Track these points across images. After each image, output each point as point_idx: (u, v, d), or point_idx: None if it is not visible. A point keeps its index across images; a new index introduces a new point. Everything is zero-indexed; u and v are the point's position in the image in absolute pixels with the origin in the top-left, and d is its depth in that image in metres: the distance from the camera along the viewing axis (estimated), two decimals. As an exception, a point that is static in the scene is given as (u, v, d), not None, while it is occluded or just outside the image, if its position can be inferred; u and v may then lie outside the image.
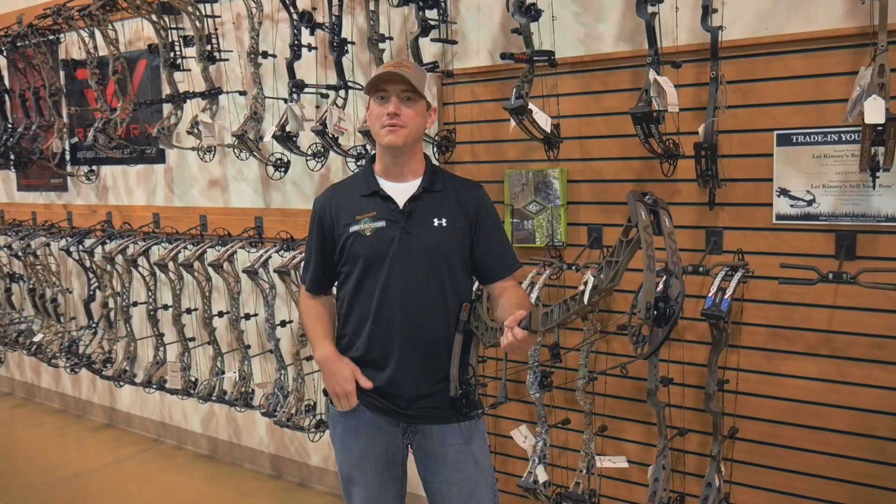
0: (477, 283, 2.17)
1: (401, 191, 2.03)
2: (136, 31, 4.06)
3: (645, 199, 1.45)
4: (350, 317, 2.07)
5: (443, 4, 2.79)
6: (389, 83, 1.95)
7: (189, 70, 3.57)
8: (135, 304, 4.02)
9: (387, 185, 2.04)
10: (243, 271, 3.34)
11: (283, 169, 3.40)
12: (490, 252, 2.07)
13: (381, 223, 2.00)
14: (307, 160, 3.22)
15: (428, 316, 2.01)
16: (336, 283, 2.15)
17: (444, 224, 2.02)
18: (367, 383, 2.05)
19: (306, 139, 3.18)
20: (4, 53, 4.47)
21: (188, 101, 3.56)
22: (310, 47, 3.13)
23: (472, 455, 2.08)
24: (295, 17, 3.02)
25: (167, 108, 3.70)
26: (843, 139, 2.23)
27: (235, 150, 3.45)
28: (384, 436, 2.08)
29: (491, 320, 2.00)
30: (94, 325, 4.23)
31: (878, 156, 2.01)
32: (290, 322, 3.43)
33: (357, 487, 2.12)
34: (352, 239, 2.01)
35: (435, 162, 2.72)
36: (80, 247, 4.11)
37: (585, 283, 1.55)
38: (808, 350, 2.37)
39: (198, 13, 3.34)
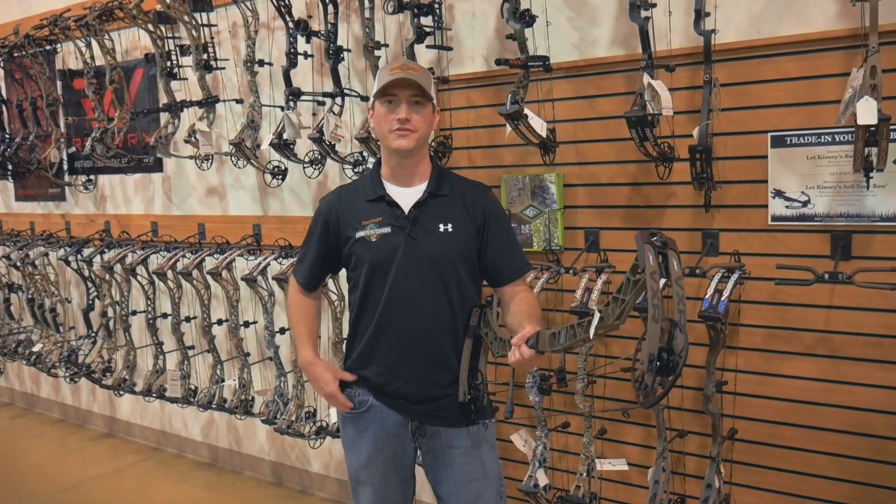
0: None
1: (407, 196, 2.01)
2: (132, 41, 4.07)
3: (653, 240, 1.38)
4: (359, 324, 2.08)
5: (438, 11, 2.80)
6: (398, 87, 1.92)
7: (186, 79, 3.58)
8: (134, 312, 4.02)
9: (393, 190, 2.02)
10: (242, 279, 3.35)
11: (280, 176, 3.41)
12: (499, 255, 2.05)
13: (387, 229, 1.99)
14: (304, 167, 3.23)
15: (434, 323, 2.00)
16: (347, 289, 2.16)
17: (450, 229, 2.00)
18: (350, 377, 2.09)
19: (303, 147, 3.19)
20: (2, 64, 4.49)
21: (185, 109, 3.57)
22: (306, 55, 3.14)
23: (480, 459, 2.07)
24: (291, 25, 3.03)
25: (164, 117, 3.71)
26: (837, 140, 2.25)
27: (233, 159, 3.46)
28: (393, 439, 2.08)
29: (500, 326, 1.97)
30: (93, 334, 4.23)
31: (872, 156, 2.02)
32: (289, 329, 3.43)
33: (364, 489, 2.12)
34: (357, 244, 2.01)
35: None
36: (79, 256, 4.12)
37: (592, 316, 1.52)
38: (805, 350, 2.38)
39: (194, 22, 3.36)
